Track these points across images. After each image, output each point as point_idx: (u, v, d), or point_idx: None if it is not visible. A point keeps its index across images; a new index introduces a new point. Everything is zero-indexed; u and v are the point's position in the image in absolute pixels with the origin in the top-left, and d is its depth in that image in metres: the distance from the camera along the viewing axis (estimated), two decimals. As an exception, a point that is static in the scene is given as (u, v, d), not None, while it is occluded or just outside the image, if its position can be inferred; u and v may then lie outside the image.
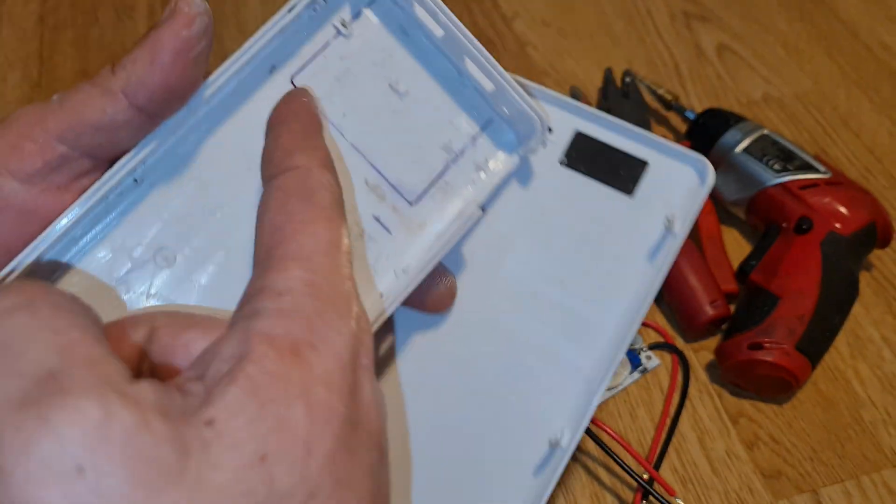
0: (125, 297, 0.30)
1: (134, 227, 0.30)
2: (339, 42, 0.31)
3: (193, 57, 0.26)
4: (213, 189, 0.30)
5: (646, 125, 0.63)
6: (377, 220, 0.32)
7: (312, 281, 0.22)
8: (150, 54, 0.26)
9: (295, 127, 0.28)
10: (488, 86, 0.32)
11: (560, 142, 0.35)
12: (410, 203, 0.32)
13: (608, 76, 0.66)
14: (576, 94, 0.63)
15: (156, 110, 0.27)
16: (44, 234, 0.27)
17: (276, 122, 0.28)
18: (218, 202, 0.30)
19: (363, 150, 0.32)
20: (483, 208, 0.33)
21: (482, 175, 0.33)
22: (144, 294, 0.30)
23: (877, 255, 0.56)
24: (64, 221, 0.27)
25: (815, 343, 0.49)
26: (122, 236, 0.29)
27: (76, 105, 0.26)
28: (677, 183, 0.34)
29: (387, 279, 0.31)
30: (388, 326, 0.36)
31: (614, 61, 0.69)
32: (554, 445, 0.32)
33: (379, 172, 0.32)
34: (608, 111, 0.63)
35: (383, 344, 0.36)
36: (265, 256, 0.24)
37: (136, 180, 0.29)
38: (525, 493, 0.33)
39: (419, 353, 0.35)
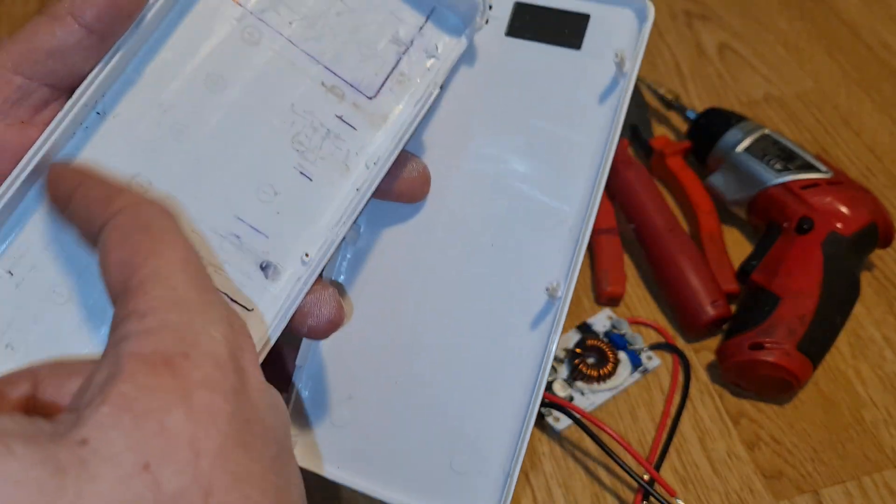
0: None
1: (105, 158, 0.30)
2: None
3: None
4: (174, 109, 0.31)
5: (647, 125, 0.63)
6: (340, 118, 0.33)
7: (174, 297, 0.22)
8: None
9: (90, 183, 0.27)
10: None
11: (502, 16, 0.37)
12: (370, 98, 0.34)
13: (608, 75, 0.65)
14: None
15: (105, 29, 0.27)
16: (16, 171, 0.27)
17: (68, 192, 0.27)
18: (182, 122, 0.31)
19: (315, 55, 0.33)
20: (442, 86, 0.34)
21: (434, 61, 0.34)
22: None
23: (878, 255, 0.56)
24: (35, 157, 0.27)
25: (817, 343, 0.48)
26: (94, 168, 0.29)
27: (26, 34, 0.26)
28: (620, 26, 0.36)
29: (359, 173, 0.33)
30: (379, 220, 0.37)
31: (615, 61, 0.68)
32: (552, 295, 0.34)
33: (334, 73, 0.33)
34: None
35: (377, 239, 0.37)
36: (122, 289, 0.23)
37: (98, 113, 0.29)
38: (529, 346, 0.34)
39: (409, 240, 0.37)
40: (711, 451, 0.47)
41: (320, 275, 0.32)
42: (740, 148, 0.57)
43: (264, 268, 0.32)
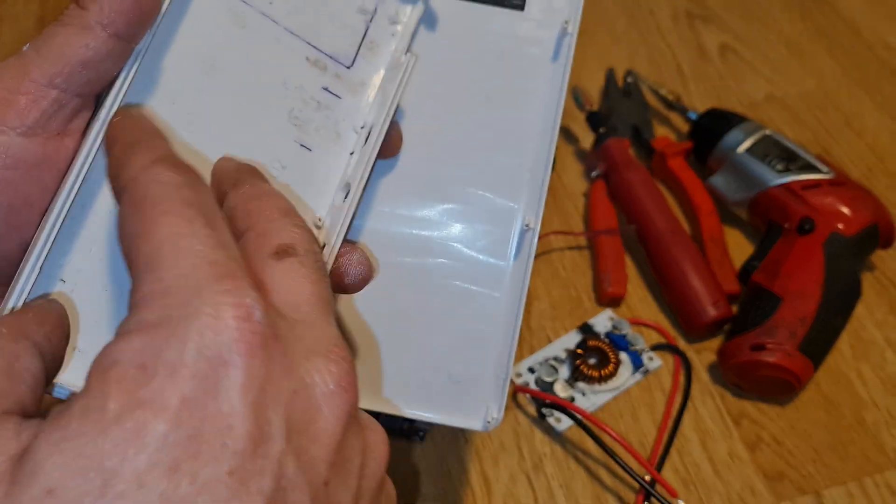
0: None
1: None
2: None
3: None
4: (181, 101, 0.31)
5: (648, 125, 0.63)
6: (326, 90, 0.35)
7: (160, 288, 0.21)
8: None
9: (120, 142, 0.27)
10: None
11: None
12: (348, 67, 0.36)
13: (610, 76, 0.65)
14: (577, 95, 0.63)
15: (132, 34, 0.28)
16: (67, 186, 0.28)
17: (110, 143, 0.27)
18: (190, 112, 0.32)
19: (296, 31, 0.34)
20: (414, 54, 0.36)
21: (398, 27, 0.37)
22: None
23: (879, 256, 0.56)
24: (81, 171, 0.28)
25: (818, 344, 0.48)
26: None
27: (58, 48, 0.26)
28: None
29: (350, 138, 0.35)
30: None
31: (616, 61, 0.68)
32: (526, 228, 0.36)
33: (315, 48, 0.35)
34: (610, 111, 0.63)
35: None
36: (130, 270, 0.23)
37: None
38: (507, 277, 0.37)
39: (382, 195, 0.38)
40: (713, 452, 0.47)
41: (345, 237, 0.33)
42: (741, 149, 0.57)
43: None
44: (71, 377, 0.28)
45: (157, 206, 0.22)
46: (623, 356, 0.50)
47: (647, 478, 0.45)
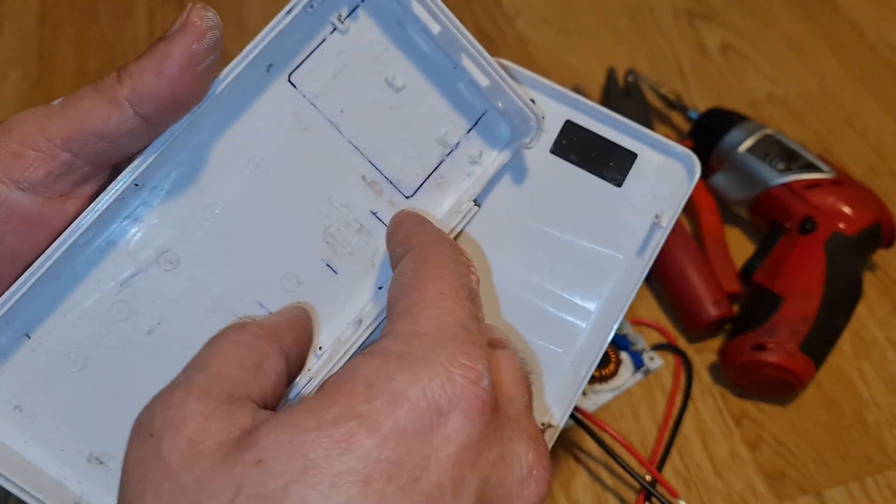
0: (131, 300, 0.30)
1: (137, 231, 0.30)
2: (336, 38, 0.31)
3: (202, 70, 0.26)
4: (212, 190, 0.30)
5: (648, 124, 0.63)
6: (374, 215, 0.32)
7: (412, 331, 0.24)
8: (158, 66, 0.25)
9: (410, 221, 0.31)
10: (483, 81, 0.32)
11: (550, 130, 0.36)
12: (407, 197, 0.33)
13: (611, 75, 0.65)
14: (577, 94, 0.62)
15: (161, 120, 0.27)
16: (54, 246, 0.27)
17: (394, 229, 0.31)
18: (218, 202, 0.30)
19: (360, 147, 0.32)
20: (478, 203, 0.33)
21: (476, 168, 0.34)
22: (151, 297, 0.30)
23: (881, 256, 0.55)
24: (75, 233, 0.27)
25: (819, 344, 0.48)
26: (125, 241, 0.29)
27: (80, 113, 0.26)
28: (665, 177, 0.35)
29: (386, 273, 0.32)
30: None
31: (617, 60, 0.68)
32: (545, 428, 0.33)
33: (376, 168, 0.32)
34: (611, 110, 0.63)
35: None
36: (389, 313, 0.26)
37: (137, 185, 0.29)
38: None
39: None
40: (713, 452, 0.47)
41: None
42: (742, 148, 0.56)
43: None
44: (4, 431, 0.28)
45: (436, 270, 0.26)
46: (624, 356, 0.50)
47: (648, 478, 0.45)
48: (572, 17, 0.74)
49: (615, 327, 0.33)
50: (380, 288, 0.32)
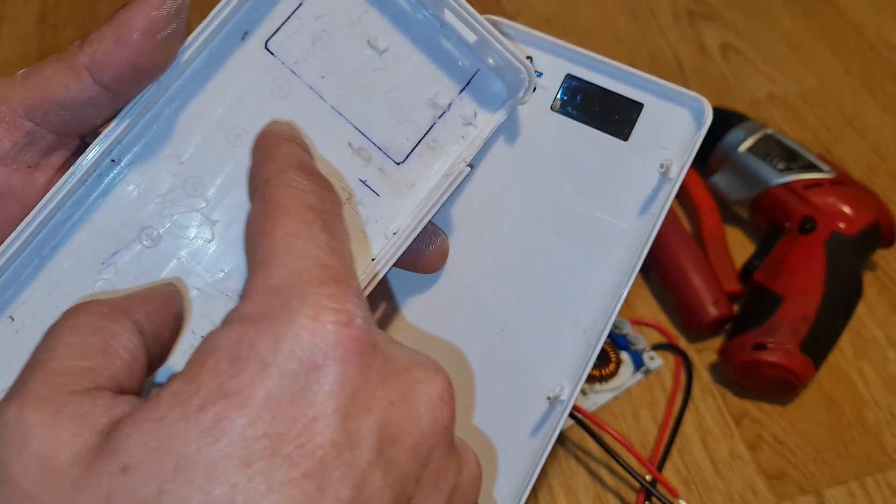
0: (113, 279, 0.29)
1: (116, 207, 0.29)
2: (313, 2, 0.30)
3: (163, 38, 0.26)
4: (191, 163, 0.30)
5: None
6: (364, 183, 0.31)
7: (267, 285, 0.21)
8: (116, 33, 0.25)
9: (261, 148, 0.27)
10: (471, 37, 0.31)
11: (550, 86, 0.34)
12: (398, 163, 0.31)
13: (611, 75, 0.65)
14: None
15: (121, 89, 0.26)
16: (27, 220, 0.27)
17: (254, 150, 0.28)
18: (197, 174, 0.30)
19: (345, 113, 0.31)
20: (471, 164, 0.32)
21: (470, 130, 0.32)
22: (133, 274, 0.29)
23: (881, 255, 0.56)
24: (49, 209, 0.27)
25: (819, 343, 0.48)
26: (104, 218, 0.29)
27: (41, 81, 0.26)
28: (674, 125, 0.33)
29: (378, 242, 0.31)
30: (383, 290, 0.36)
31: (617, 60, 0.68)
32: (553, 401, 0.32)
33: (363, 134, 0.31)
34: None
35: (377, 309, 0.35)
36: (247, 268, 0.23)
37: (113, 160, 0.29)
38: (523, 453, 0.32)
39: (413, 316, 0.35)
40: (714, 452, 0.47)
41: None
42: (743, 148, 0.56)
43: None
44: None
45: (281, 208, 0.23)
46: (624, 356, 0.50)
47: (648, 477, 0.45)
48: (573, 16, 0.74)
49: (626, 292, 0.32)
50: (373, 259, 0.31)
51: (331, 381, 0.20)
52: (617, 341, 0.50)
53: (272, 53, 0.30)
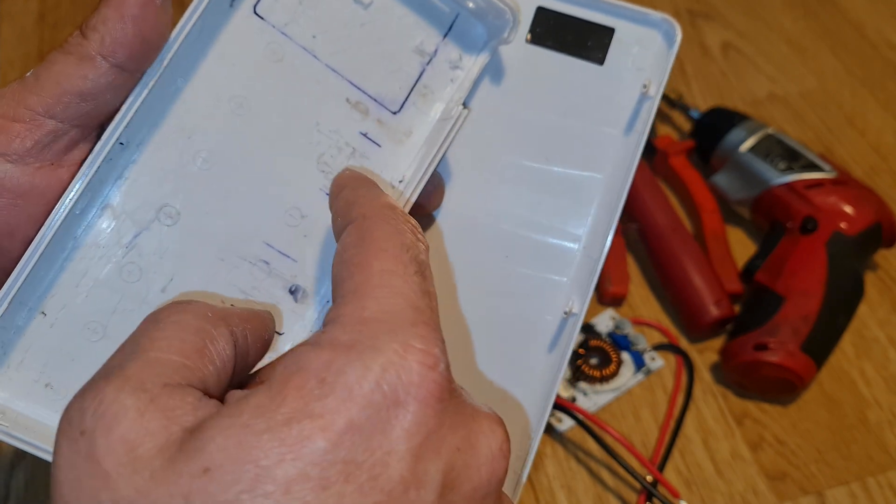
0: (139, 261, 0.30)
1: (131, 190, 0.30)
2: None
3: (160, 4, 0.26)
4: (197, 136, 0.30)
5: (649, 124, 0.63)
6: (365, 136, 0.32)
7: (360, 316, 0.22)
8: (118, 10, 0.26)
9: (354, 185, 0.29)
10: None
11: (523, 21, 0.35)
12: (394, 113, 0.33)
13: (611, 74, 0.65)
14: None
15: (135, 66, 0.27)
16: (49, 220, 0.27)
17: (336, 192, 0.29)
18: (206, 147, 0.30)
19: (339, 69, 0.32)
20: (466, 106, 0.33)
21: (458, 73, 0.33)
22: (158, 254, 0.30)
23: (882, 255, 0.55)
24: (68, 202, 0.27)
25: (821, 343, 0.48)
26: (121, 202, 0.29)
27: (55, 77, 0.26)
28: (646, 46, 0.35)
29: (386, 192, 0.32)
30: None
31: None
32: (567, 314, 0.33)
33: (358, 88, 0.32)
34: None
35: None
36: (334, 295, 0.24)
37: (122, 143, 0.29)
38: (542, 366, 0.34)
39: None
40: (715, 452, 0.47)
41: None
42: (744, 147, 0.56)
43: (293, 291, 0.32)
44: (39, 410, 0.28)
45: (377, 242, 0.24)
46: (625, 356, 0.50)
47: (649, 478, 0.45)
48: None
49: (621, 205, 0.33)
50: None
51: (409, 420, 0.21)
52: (618, 341, 0.50)
53: (262, 18, 0.31)
